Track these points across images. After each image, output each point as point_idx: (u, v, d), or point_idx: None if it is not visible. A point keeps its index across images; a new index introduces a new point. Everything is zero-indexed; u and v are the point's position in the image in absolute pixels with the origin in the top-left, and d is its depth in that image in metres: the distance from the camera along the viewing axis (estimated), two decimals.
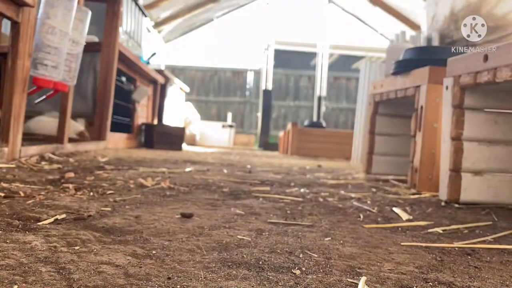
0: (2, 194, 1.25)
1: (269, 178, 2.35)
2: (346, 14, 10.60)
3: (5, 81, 2.11)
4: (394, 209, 1.49)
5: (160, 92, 6.20)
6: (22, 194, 1.29)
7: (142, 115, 5.64)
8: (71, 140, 3.15)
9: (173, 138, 5.51)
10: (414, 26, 7.75)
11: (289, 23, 12.41)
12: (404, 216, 1.38)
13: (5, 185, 1.42)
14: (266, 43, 11.33)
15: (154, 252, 0.81)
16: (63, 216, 1.05)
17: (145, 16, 6.90)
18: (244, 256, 0.82)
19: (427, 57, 2.38)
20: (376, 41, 10.49)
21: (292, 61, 12.67)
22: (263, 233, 1.02)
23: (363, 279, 0.72)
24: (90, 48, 3.58)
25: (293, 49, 12.71)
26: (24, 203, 1.17)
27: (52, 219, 1.00)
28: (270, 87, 10.99)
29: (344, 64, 12.21)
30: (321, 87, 10.87)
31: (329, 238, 1.02)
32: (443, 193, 1.83)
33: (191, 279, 0.68)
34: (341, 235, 1.06)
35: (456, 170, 1.78)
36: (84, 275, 0.66)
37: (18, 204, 1.15)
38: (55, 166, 2.12)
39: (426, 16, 4.28)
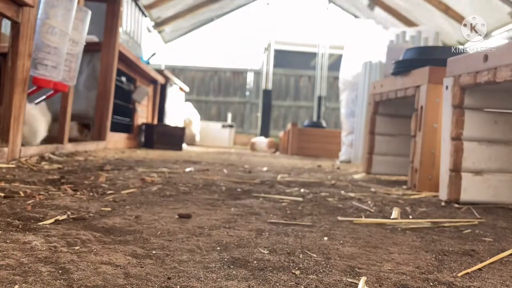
0: (2, 194, 1.25)
1: (269, 178, 2.35)
2: (346, 14, 10.59)
3: (5, 81, 2.11)
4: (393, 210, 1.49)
5: (160, 92, 6.20)
6: (22, 194, 1.29)
7: (142, 115, 5.64)
8: (71, 140, 3.15)
9: (173, 138, 5.51)
10: (414, 26, 7.75)
11: (289, 23, 12.42)
12: (395, 215, 1.38)
13: (5, 185, 1.42)
14: (266, 43, 11.33)
15: (154, 252, 0.81)
16: (64, 216, 1.05)
17: (145, 16, 6.90)
18: (244, 256, 0.82)
19: (427, 57, 2.38)
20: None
21: (292, 61, 12.67)
22: (263, 233, 1.02)
23: (363, 279, 0.72)
24: (90, 48, 3.58)
25: (293, 49, 12.71)
26: (24, 203, 1.17)
27: (52, 220, 1.00)
28: (270, 87, 10.99)
29: None
30: (321, 87, 10.87)
31: (329, 238, 1.02)
32: (443, 193, 1.83)
33: (191, 279, 0.68)
34: (341, 235, 1.06)
35: (456, 170, 1.78)
36: (84, 275, 0.66)
37: (18, 204, 1.15)
38: (55, 166, 2.12)
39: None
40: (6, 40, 3.29)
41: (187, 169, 2.53)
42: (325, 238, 1.01)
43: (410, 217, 1.38)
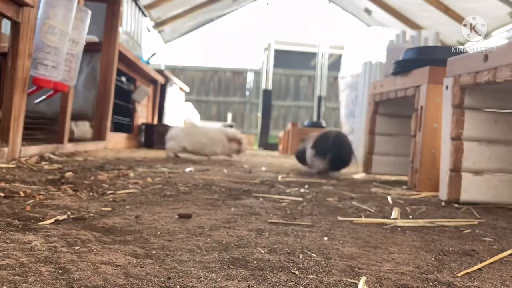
0: (2, 194, 1.25)
1: (269, 178, 2.35)
2: (346, 14, 10.59)
3: (5, 81, 2.11)
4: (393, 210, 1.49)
5: (160, 92, 6.20)
6: (22, 194, 1.29)
7: (142, 115, 5.64)
8: (71, 140, 3.15)
9: None
10: (414, 26, 7.75)
11: (289, 23, 12.42)
12: (395, 215, 1.38)
13: (5, 185, 1.42)
14: (266, 43, 11.33)
15: (154, 252, 0.81)
16: (64, 216, 1.05)
17: (145, 16, 6.90)
18: (244, 256, 0.82)
19: (427, 57, 2.38)
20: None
21: (292, 61, 12.67)
22: (263, 233, 1.02)
23: (363, 279, 0.72)
24: (90, 48, 3.58)
25: (293, 49, 12.71)
26: (24, 203, 1.17)
27: (52, 220, 1.00)
28: (270, 87, 10.99)
29: None
30: (321, 87, 10.87)
31: (329, 238, 1.02)
32: (443, 193, 1.83)
33: (191, 279, 0.68)
34: (341, 235, 1.06)
35: (456, 170, 1.78)
36: (84, 275, 0.66)
37: (18, 204, 1.15)
38: (55, 166, 2.12)
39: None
40: (6, 40, 3.29)
41: (187, 169, 2.53)
42: (325, 238, 1.01)
43: (410, 217, 1.38)
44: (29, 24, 2.14)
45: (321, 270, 0.77)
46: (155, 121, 6.14)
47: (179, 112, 7.50)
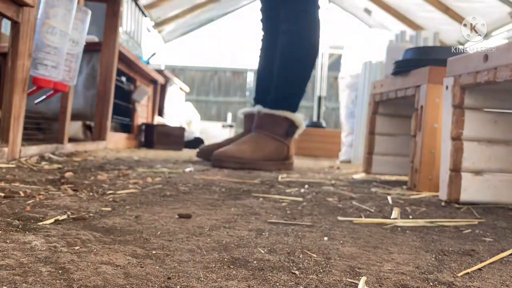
0: (2, 194, 1.25)
1: (269, 178, 2.35)
2: (346, 14, 10.59)
3: (5, 81, 2.11)
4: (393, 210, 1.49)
5: (160, 92, 6.20)
6: (22, 194, 1.29)
7: (142, 115, 5.64)
8: (71, 140, 3.15)
9: (173, 138, 5.51)
10: (414, 26, 7.75)
11: None
12: (395, 215, 1.38)
13: (5, 185, 1.42)
14: None
15: (154, 252, 0.81)
16: (64, 216, 1.05)
17: (145, 16, 6.90)
18: (244, 256, 0.82)
19: (427, 57, 2.37)
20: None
21: None
22: (263, 233, 1.02)
23: (363, 279, 0.72)
24: (90, 48, 3.58)
25: None
26: (24, 203, 1.17)
27: (52, 220, 1.00)
28: None
29: None
30: (321, 87, 10.87)
31: (329, 238, 1.02)
32: (443, 193, 1.83)
33: (191, 279, 0.68)
34: (341, 235, 1.06)
35: (456, 170, 1.78)
36: (84, 275, 0.66)
37: (18, 204, 1.15)
38: (55, 166, 2.12)
39: None
40: (6, 40, 3.29)
41: (187, 169, 2.53)
42: (325, 238, 1.01)
43: (410, 217, 1.38)
44: (29, 24, 2.14)
45: (321, 270, 0.77)
46: (155, 121, 6.14)
47: (179, 112, 7.50)
